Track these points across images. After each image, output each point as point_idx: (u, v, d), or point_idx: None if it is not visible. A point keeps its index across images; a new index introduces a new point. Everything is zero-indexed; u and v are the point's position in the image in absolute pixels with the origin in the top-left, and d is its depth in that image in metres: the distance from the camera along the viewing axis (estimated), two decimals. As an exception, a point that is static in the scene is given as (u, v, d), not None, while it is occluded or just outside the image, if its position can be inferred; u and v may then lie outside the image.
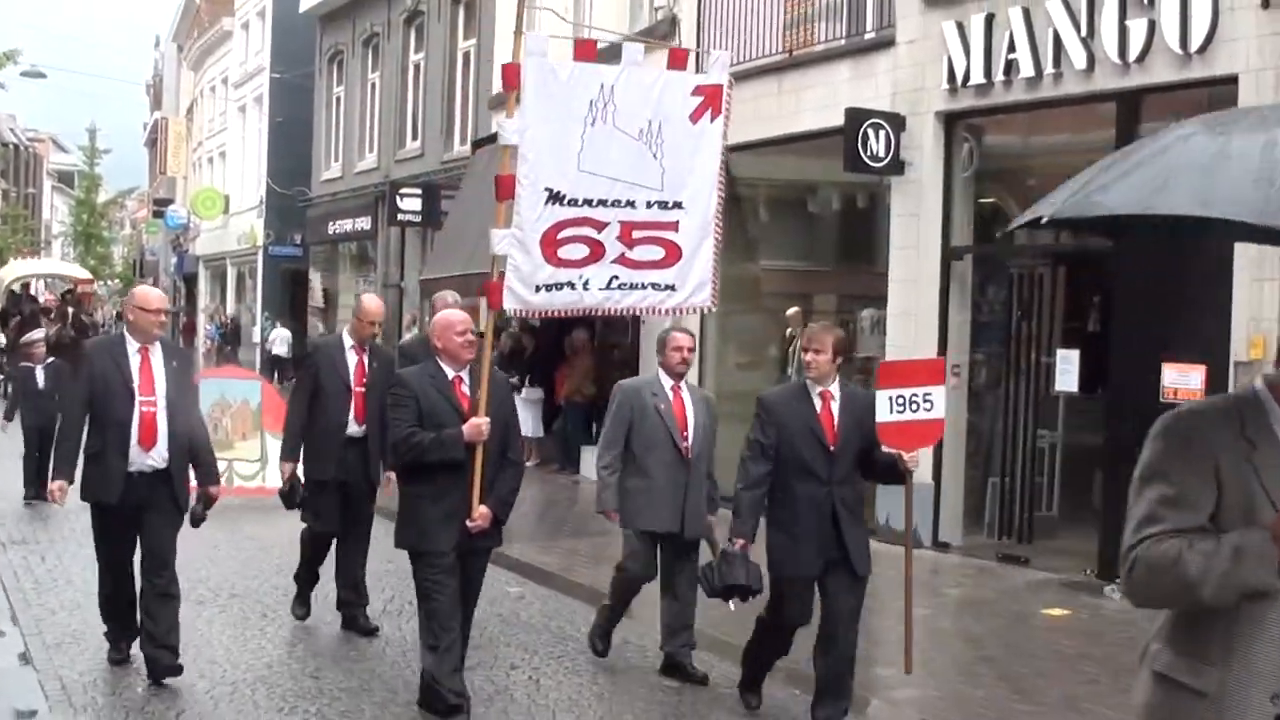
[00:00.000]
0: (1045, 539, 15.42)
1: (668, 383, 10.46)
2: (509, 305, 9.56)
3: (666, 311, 10.82)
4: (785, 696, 9.83)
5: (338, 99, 39.15)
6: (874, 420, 8.63)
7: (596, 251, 9.81)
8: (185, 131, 63.24)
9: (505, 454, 9.11)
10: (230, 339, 47.93)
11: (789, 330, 19.28)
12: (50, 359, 19.93)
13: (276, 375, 37.75)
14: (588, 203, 9.72)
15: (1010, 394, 15.88)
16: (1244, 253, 12.40)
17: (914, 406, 8.70)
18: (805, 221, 20.97)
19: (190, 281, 61.24)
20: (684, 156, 10.10)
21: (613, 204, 9.82)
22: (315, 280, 42.27)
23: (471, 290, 24.94)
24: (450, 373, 9.01)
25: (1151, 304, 13.43)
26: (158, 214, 64.84)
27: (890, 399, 8.69)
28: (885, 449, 8.78)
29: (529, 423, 23.43)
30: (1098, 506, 14.78)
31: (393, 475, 10.47)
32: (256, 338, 46.75)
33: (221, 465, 14.26)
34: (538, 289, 9.60)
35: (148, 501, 9.62)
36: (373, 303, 11.72)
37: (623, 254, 9.95)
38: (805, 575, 8.80)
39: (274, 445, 17.68)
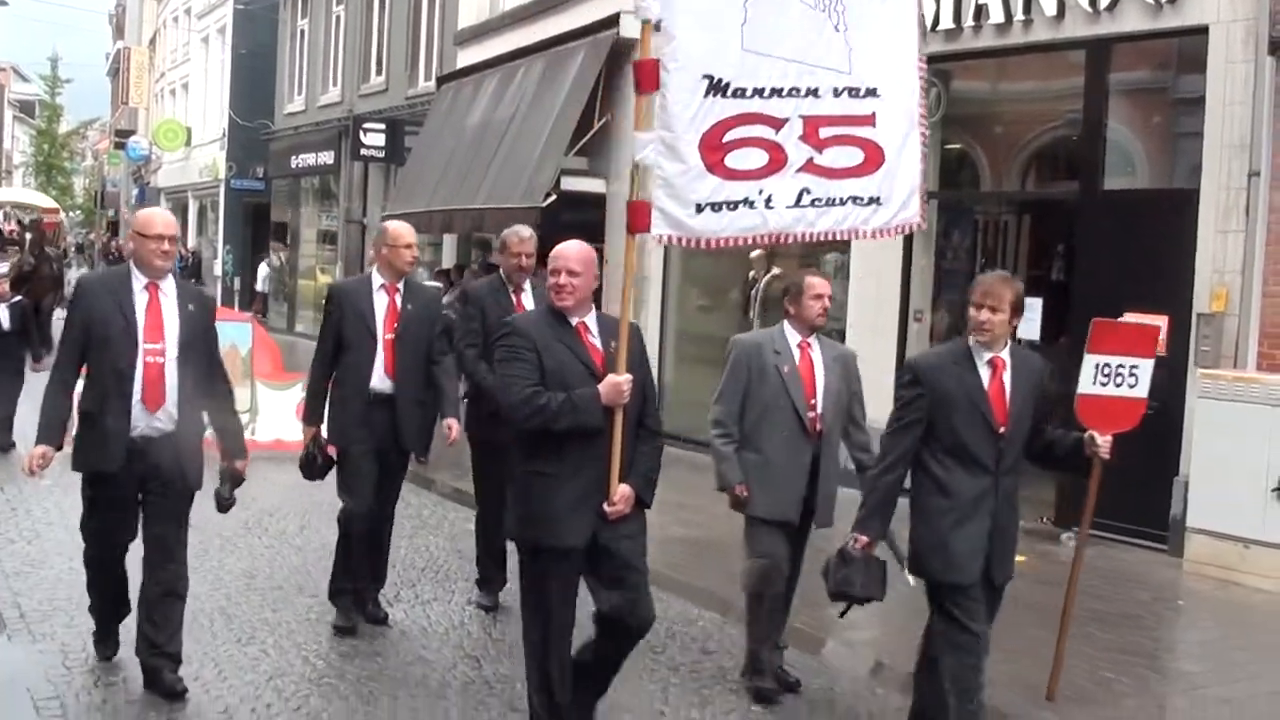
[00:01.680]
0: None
1: (794, 338, 8.60)
2: (660, 231, 7.38)
3: (872, 234, 8.29)
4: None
5: (301, 31, 38.88)
6: (1043, 391, 7.24)
7: (777, 157, 7.63)
8: (148, 62, 62.66)
9: (642, 422, 7.20)
10: (192, 272, 47.59)
11: (752, 273, 19.26)
12: (16, 297, 17.56)
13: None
14: (758, 93, 7.56)
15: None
16: (1209, 204, 12.46)
17: (1119, 380, 7.64)
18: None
19: (151, 214, 60.84)
20: (875, 29, 8.00)
21: (790, 93, 7.69)
22: (284, 216, 42.02)
23: (435, 228, 25.00)
24: (574, 319, 7.07)
25: (1115, 253, 13.46)
26: (119, 145, 64.33)
27: (1097, 367, 7.62)
28: (1062, 431, 7.42)
29: (491, 361, 23.44)
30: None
31: (454, 424, 9.74)
32: (218, 271, 46.59)
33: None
34: (699, 208, 7.43)
35: (153, 475, 8.01)
36: (403, 227, 9.90)
37: (811, 159, 7.75)
38: (960, 583, 7.09)
39: (265, 395, 17.53)
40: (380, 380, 9.57)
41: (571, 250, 7.03)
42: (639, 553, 7.08)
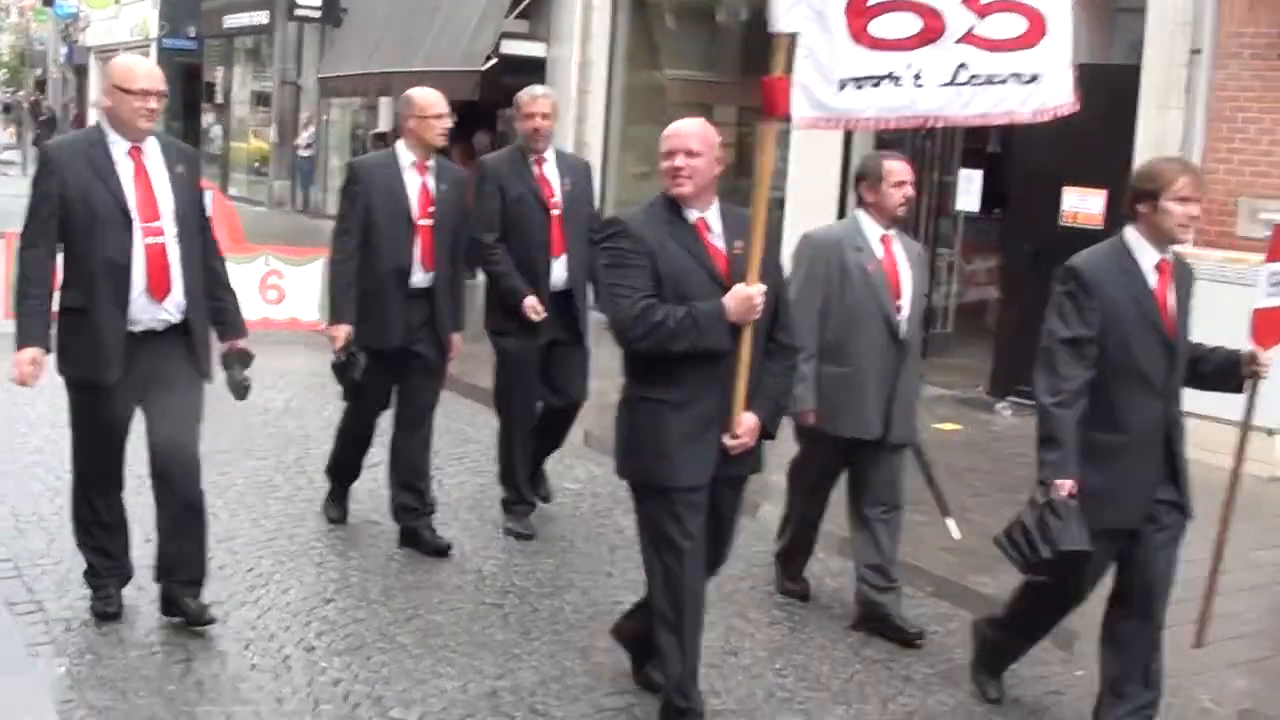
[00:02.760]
0: (939, 356, 15.64)
1: (875, 232, 7.53)
2: (802, 113, 6.15)
3: (1031, 116, 6.72)
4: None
5: (235, -118, 38.11)
6: (1191, 299, 6.27)
7: (932, 25, 6.28)
8: (76, -85, 61.44)
9: (772, 335, 6.12)
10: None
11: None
12: None
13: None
14: None
15: (912, 210, 16.04)
16: (1150, 81, 12.56)
17: None
18: (711, 30, 20.93)
19: (80, 73, 59.90)
20: None
21: None
22: (216, 77, 41.52)
23: (372, 91, 24.88)
24: (693, 213, 5.99)
25: (1053, 128, 13.51)
26: (47, 2, 63.18)
27: (1271, 276, 6.64)
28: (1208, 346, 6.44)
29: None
30: (992, 326, 15.12)
31: (458, 339, 8.75)
32: (149, 132, 46.02)
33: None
34: (842, 85, 6.17)
35: (159, 373, 6.85)
36: (431, 94, 8.55)
37: (971, 28, 6.36)
38: (1123, 528, 6.17)
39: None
40: (419, 273, 8.45)
41: (690, 127, 5.98)
42: (737, 504, 6.36)
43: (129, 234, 6.66)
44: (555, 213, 8.88)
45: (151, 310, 6.76)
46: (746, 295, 5.78)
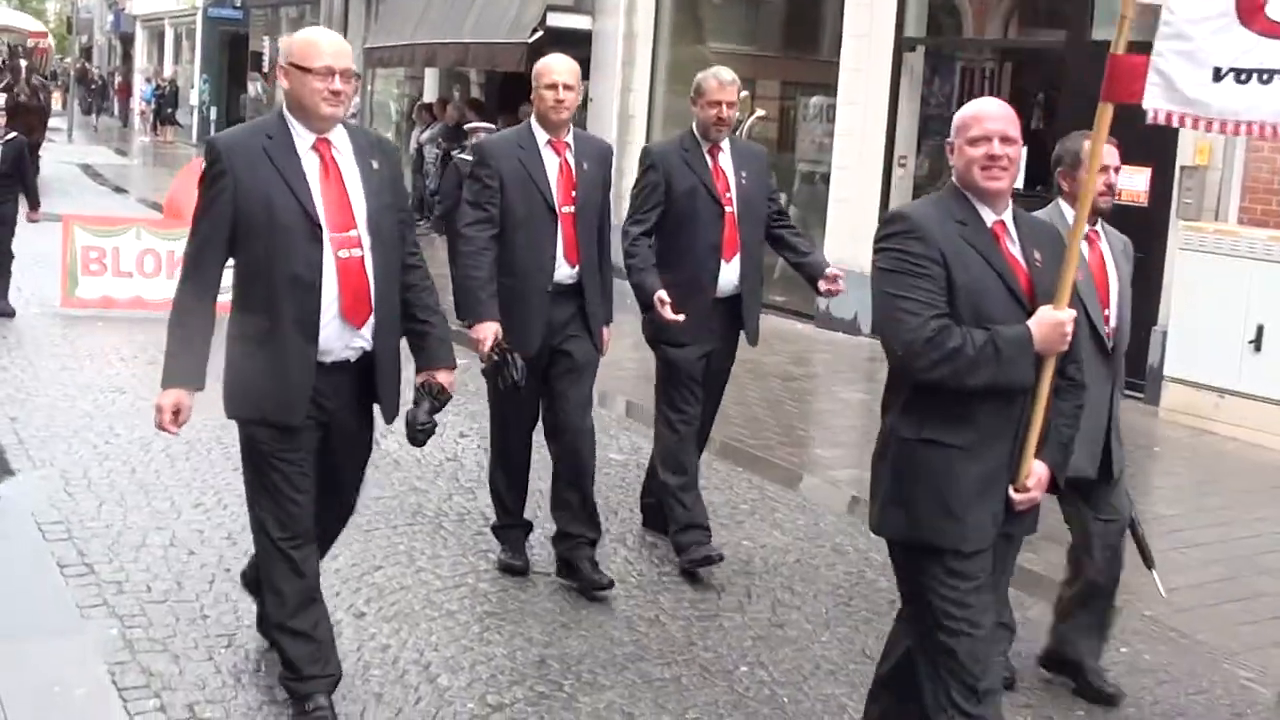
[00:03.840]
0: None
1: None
2: (1155, 105, 5.04)
3: None
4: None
5: None
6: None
7: None
8: (123, -116, 61.62)
9: (1063, 369, 5.01)
10: (169, 101, 47.18)
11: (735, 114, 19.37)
12: (10, 134, 15.12)
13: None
14: None
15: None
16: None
17: None
18: (754, 6, 20.95)
19: (127, 41, 60.21)
20: None
21: None
22: (263, 46, 41.61)
23: (418, 61, 24.89)
24: (990, 215, 4.91)
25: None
26: (94, -31, 63.52)
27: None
28: None
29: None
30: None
31: (608, 333, 7.83)
32: (194, 100, 46.22)
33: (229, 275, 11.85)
34: (1217, 74, 4.94)
35: (344, 413, 5.80)
36: (553, 61, 7.46)
37: None
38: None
39: None
40: (564, 268, 7.44)
41: (1002, 109, 4.93)
42: (1011, 565, 5.27)
43: (318, 243, 5.48)
44: (729, 210, 7.89)
45: (346, 337, 5.61)
46: (1057, 321, 4.74)
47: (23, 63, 26.97)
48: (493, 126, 17.93)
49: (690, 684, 6.42)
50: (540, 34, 20.23)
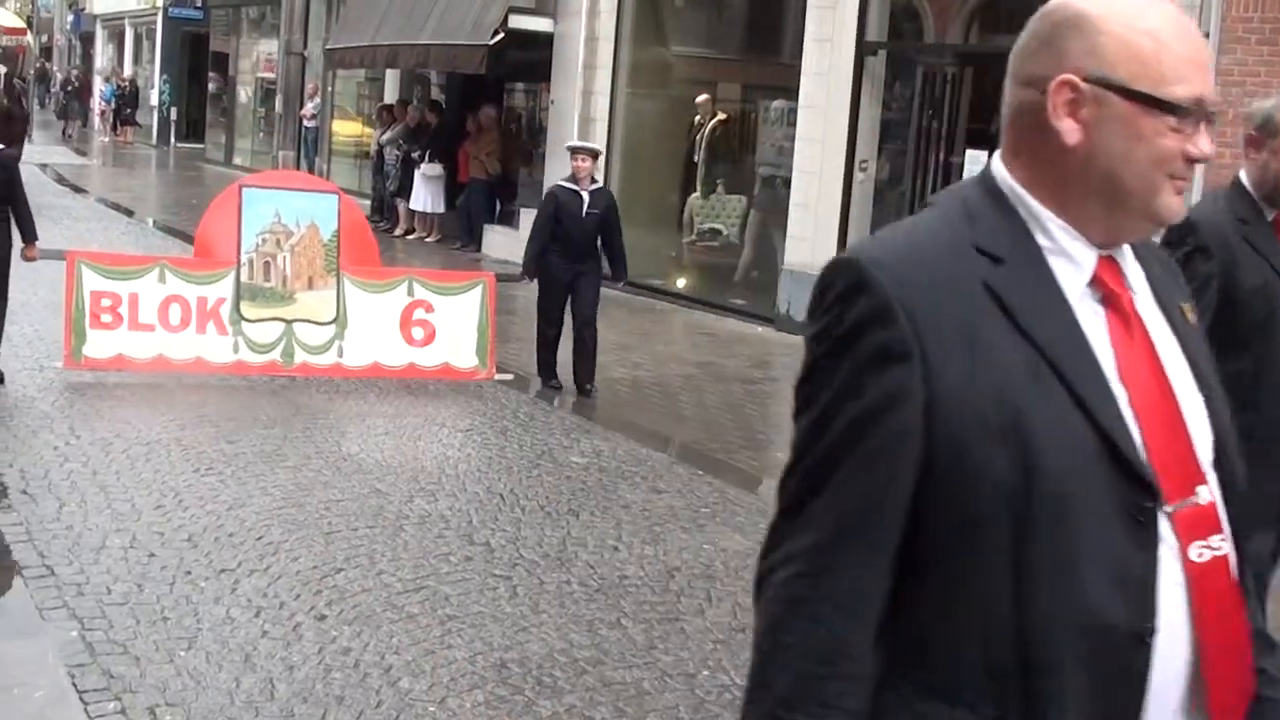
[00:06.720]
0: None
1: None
2: None
3: None
4: None
5: None
6: None
7: None
8: (82, -118, 61.29)
9: None
10: (129, 101, 46.96)
11: (697, 117, 19.51)
12: None
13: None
14: None
15: (915, 191, 16.14)
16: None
17: None
18: (716, 9, 21.03)
19: (86, 41, 59.94)
20: None
21: None
22: (226, 47, 41.55)
23: (379, 62, 24.85)
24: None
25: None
26: (51, -33, 63.16)
27: None
28: None
29: (430, 198, 23.58)
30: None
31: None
32: (154, 101, 46.06)
33: (276, 329, 12.07)
34: None
35: None
36: None
37: None
38: None
39: (356, 299, 12.48)
40: None
41: None
42: None
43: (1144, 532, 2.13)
44: None
45: None
46: None
47: (1, 68, 25.40)
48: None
49: (651, 688, 6.44)
50: (501, 36, 20.24)
